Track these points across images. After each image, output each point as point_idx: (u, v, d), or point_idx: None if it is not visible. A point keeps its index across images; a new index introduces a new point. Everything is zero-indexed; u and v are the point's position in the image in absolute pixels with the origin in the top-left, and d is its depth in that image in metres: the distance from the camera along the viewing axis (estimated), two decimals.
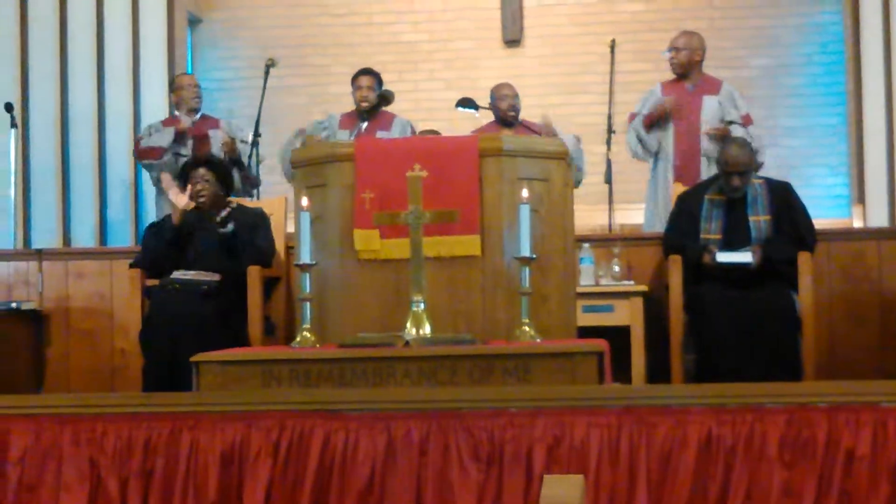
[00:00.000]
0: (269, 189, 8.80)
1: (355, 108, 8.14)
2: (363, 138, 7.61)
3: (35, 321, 7.28)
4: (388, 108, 8.17)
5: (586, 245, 6.93)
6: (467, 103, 8.12)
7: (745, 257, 6.34)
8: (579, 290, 6.13)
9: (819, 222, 6.87)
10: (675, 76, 7.97)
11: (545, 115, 7.69)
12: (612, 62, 8.44)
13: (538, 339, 4.81)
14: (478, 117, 8.23)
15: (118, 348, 7.16)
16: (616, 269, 6.91)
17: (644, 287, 6.78)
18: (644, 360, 6.58)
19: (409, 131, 8.10)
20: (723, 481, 3.83)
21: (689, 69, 7.92)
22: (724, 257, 6.36)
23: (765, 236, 6.44)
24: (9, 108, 8.39)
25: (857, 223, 9.43)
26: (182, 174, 6.73)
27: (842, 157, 10.27)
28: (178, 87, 8.47)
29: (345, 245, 5.17)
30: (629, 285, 6.80)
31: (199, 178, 6.57)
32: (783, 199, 6.56)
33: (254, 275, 6.37)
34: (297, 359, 4.62)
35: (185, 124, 8.14)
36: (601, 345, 4.61)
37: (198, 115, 8.43)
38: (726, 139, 7.16)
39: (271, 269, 6.61)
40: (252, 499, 3.97)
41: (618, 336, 6.20)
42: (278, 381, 4.57)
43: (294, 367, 4.58)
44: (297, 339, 4.94)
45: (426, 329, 4.79)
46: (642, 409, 3.90)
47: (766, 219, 6.47)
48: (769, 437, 3.82)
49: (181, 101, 8.40)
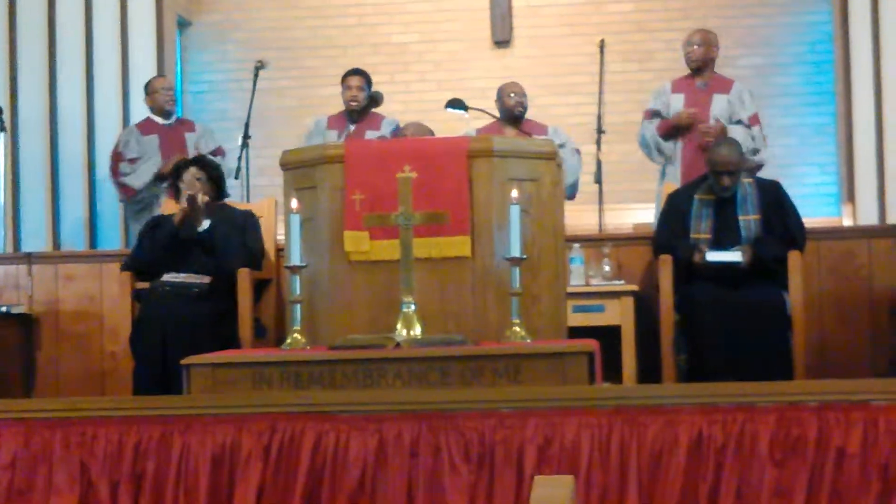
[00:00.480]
0: (259, 191, 8.79)
1: (344, 109, 8.14)
2: (353, 140, 7.60)
3: (25, 325, 7.27)
4: (377, 110, 8.17)
5: (576, 245, 6.93)
6: (457, 104, 8.12)
7: (735, 256, 6.35)
8: (569, 290, 6.14)
9: (809, 221, 6.88)
10: (689, 71, 7.97)
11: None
12: (602, 62, 8.44)
13: (528, 340, 4.81)
14: (467, 118, 8.23)
15: (108, 351, 7.15)
16: (606, 268, 6.92)
17: (634, 287, 6.78)
18: (634, 360, 6.58)
19: (394, 131, 8.11)
20: (714, 481, 3.84)
21: (704, 65, 7.92)
22: (714, 256, 6.37)
23: (755, 235, 6.44)
24: None
25: (847, 222, 9.44)
26: (173, 173, 6.73)
27: (831, 156, 10.28)
28: (151, 91, 8.49)
29: (335, 247, 5.16)
30: (619, 285, 6.81)
31: (190, 177, 6.56)
32: (773, 198, 6.56)
33: (244, 277, 6.37)
34: (287, 361, 4.61)
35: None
36: (591, 345, 4.61)
37: (172, 118, 8.43)
38: (718, 139, 7.16)
39: (261, 272, 6.61)
40: (243, 501, 3.96)
41: (608, 336, 6.20)
42: (269, 383, 4.56)
43: (285, 369, 4.57)
44: (288, 341, 4.93)
45: (417, 330, 4.79)
46: (633, 409, 3.90)
47: (756, 218, 6.48)
48: (760, 436, 3.82)
49: (155, 104, 8.41)
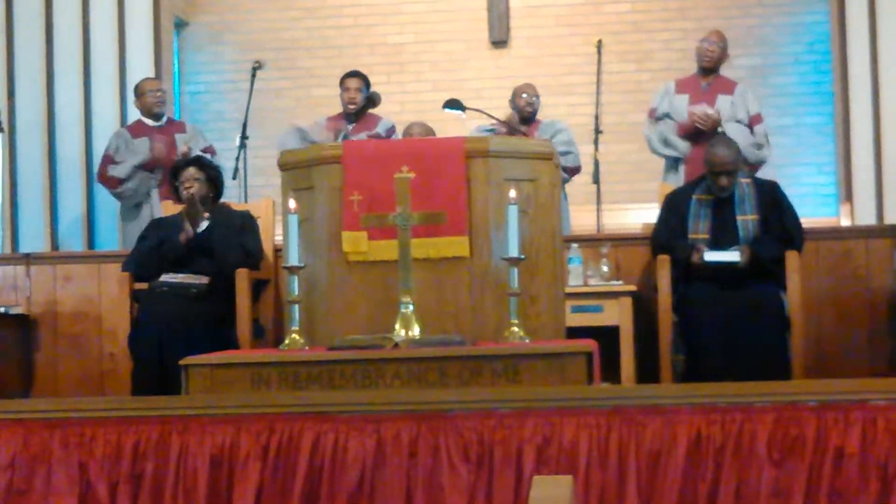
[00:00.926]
0: (257, 191, 8.79)
1: (343, 111, 8.15)
2: (351, 141, 7.61)
3: (23, 326, 7.27)
4: (374, 111, 8.17)
5: (575, 245, 6.94)
6: (454, 105, 8.13)
7: (733, 256, 6.36)
8: (568, 290, 6.14)
9: (807, 221, 6.89)
10: (692, 71, 8.04)
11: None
12: (599, 63, 8.45)
13: (527, 340, 4.81)
14: (464, 118, 8.24)
15: (107, 352, 7.16)
16: (604, 269, 6.92)
17: (633, 287, 6.79)
18: (633, 360, 6.59)
19: (391, 132, 8.13)
20: (712, 481, 3.84)
21: (717, 65, 7.97)
22: (712, 256, 6.38)
23: (753, 236, 6.45)
24: None
25: (845, 222, 9.44)
26: (172, 174, 6.73)
27: (829, 156, 10.29)
28: (140, 93, 8.46)
29: (333, 247, 5.16)
30: (618, 285, 6.81)
31: (189, 177, 6.57)
32: (771, 198, 6.57)
33: (242, 278, 6.37)
34: (286, 361, 4.60)
35: (156, 153, 8.12)
36: (590, 345, 4.61)
37: (163, 120, 8.41)
38: (720, 137, 7.20)
39: (260, 272, 6.61)
40: (242, 501, 3.96)
41: (607, 336, 6.21)
42: (267, 383, 4.56)
43: (283, 369, 4.57)
44: (286, 341, 4.93)
45: (415, 330, 4.79)
46: (631, 409, 3.90)
47: (754, 218, 6.49)
48: (758, 436, 3.82)
49: (144, 106, 8.40)
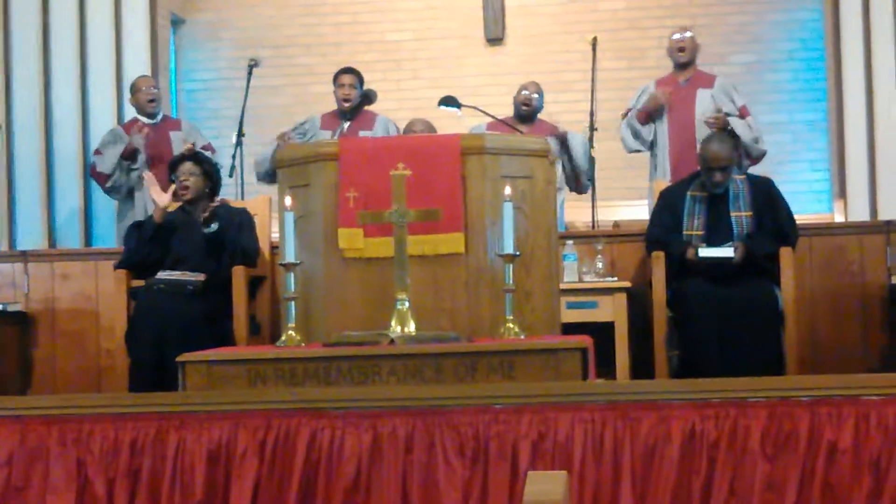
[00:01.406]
0: (254, 189, 8.80)
1: (337, 108, 8.16)
2: (347, 138, 7.62)
3: (21, 323, 7.28)
4: (370, 108, 8.18)
5: (570, 242, 6.96)
6: (450, 102, 8.14)
7: (727, 253, 6.37)
8: (563, 286, 6.16)
9: (800, 217, 6.92)
10: (675, 67, 8.13)
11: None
12: (594, 60, 8.47)
13: (522, 336, 4.83)
14: (460, 116, 8.26)
15: (104, 349, 7.17)
16: (599, 265, 6.93)
17: (627, 283, 6.81)
18: (628, 356, 6.61)
19: (391, 131, 8.13)
20: (706, 475, 3.86)
21: (692, 57, 8.07)
22: (706, 253, 6.39)
23: (747, 232, 6.47)
24: None
25: (839, 218, 9.46)
26: (169, 169, 6.75)
27: (823, 153, 10.31)
28: (135, 91, 8.48)
29: (329, 244, 5.18)
30: (612, 281, 6.83)
31: (185, 172, 6.58)
32: (765, 194, 6.58)
33: (239, 274, 6.39)
34: (282, 358, 4.62)
35: (136, 143, 8.14)
36: (585, 341, 4.63)
37: (158, 118, 8.43)
38: (714, 133, 7.26)
39: (256, 269, 6.63)
40: (239, 498, 3.98)
41: (601, 332, 6.24)
42: (264, 380, 4.58)
43: (279, 366, 4.59)
44: (283, 338, 4.95)
45: (411, 327, 4.81)
46: (626, 404, 3.92)
47: (748, 214, 6.50)
48: (752, 431, 3.84)
49: (138, 104, 8.42)
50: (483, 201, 5.12)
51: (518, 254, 4.91)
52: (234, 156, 8.10)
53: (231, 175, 7.99)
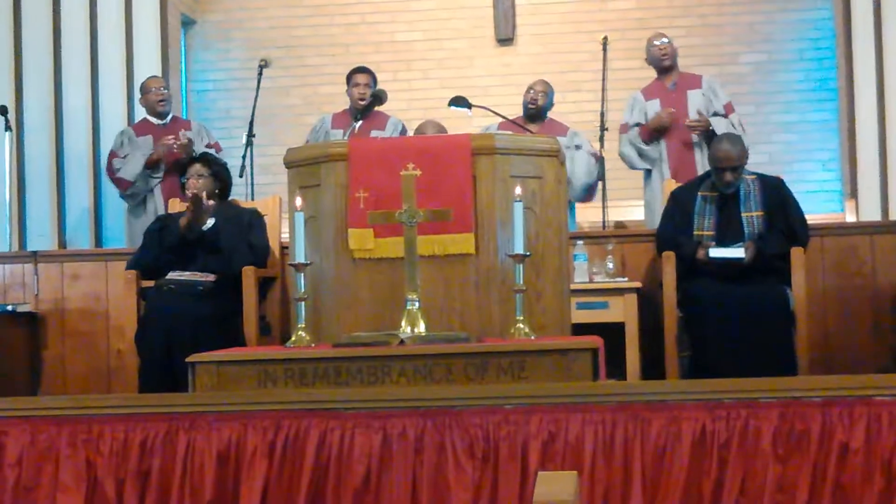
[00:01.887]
0: (264, 189, 8.81)
1: (350, 107, 8.16)
2: (357, 138, 7.62)
3: (31, 323, 7.28)
4: (381, 108, 8.18)
5: (580, 242, 6.95)
6: (460, 102, 8.13)
7: (738, 253, 6.36)
8: (573, 287, 6.15)
9: (812, 217, 6.90)
10: (658, 72, 8.15)
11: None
12: (605, 59, 8.47)
13: (532, 337, 4.82)
14: (470, 116, 8.26)
15: (114, 349, 7.17)
16: (610, 265, 6.93)
17: (638, 284, 6.80)
18: (638, 357, 6.60)
19: (401, 131, 8.15)
20: (717, 476, 3.85)
21: (674, 61, 8.09)
22: (717, 253, 6.38)
23: (758, 232, 6.46)
24: (3, 110, 8.41)
25: (850, 218, 9.45)
26: (179, 171, 6.75)
27: (834, 153, 10.30)
28: (145, 91, 8.50)
29: (339, 244, 5.17)
30: (623, 282, 6.82)
31: (194, 174, 6.60)
32: (776, 194, 6.57)
33: (249, 275, 6.39)
34: (292, 358, 4.62)
35: (160, 152, 8.14)
36: (595, 341, 4.62)
37: (168, 118, 8.44)
38: (710, 133, 7.29)
39: (266, 269, 6.63)
40: (249, 498, 3.98)
41: (612, 333, 6.22)
42: (274, 380, 4.57)
43: (289, 366, 4.58)
44: (293, 338, 4.94)
45: (421, 327, 4.80)
46: (637, 405, 3.91)
47: (759, 214, 6.49)
48: (763, 432, 3.83)
49: (147, 104, 8.43)
50: (493, 201, 5.11)
51: (528, 254, 4.90)
52: (244, 156, 8.11)
53: (241, 175, 8.00)
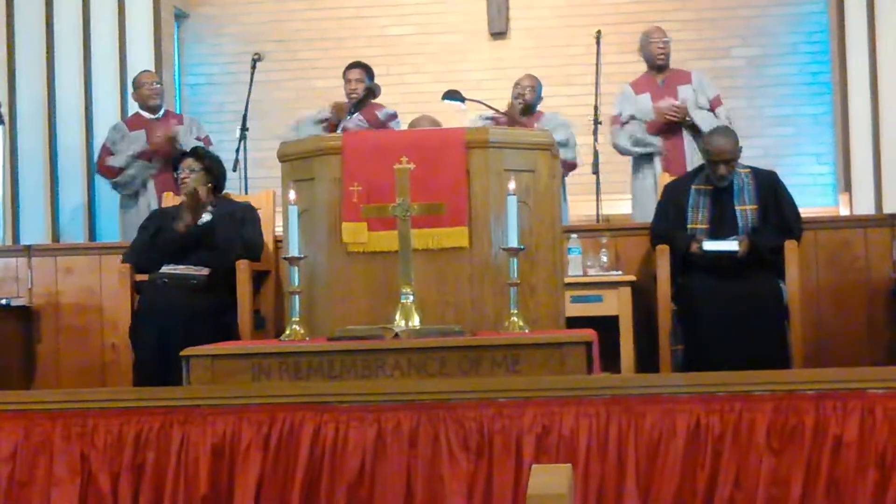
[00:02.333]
0: (257, 183, 8.80)
1: (346, 101, 8.16)
2: (350, 132, 7.61)
3: (25, 317, 7.28)
4: (374, 101, 8.18)
5: (574, 235, 6.95)
6: (454, 95, 8.14)
7: (731, 246, 6.37)
8: (567, 280, 6.15)
9: (805, 211, 6.90)
10: (651, 69, 8.13)
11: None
12: (598, 53, 8.46)
13: (527, 330, 4.82)
14: (464, 109, 8.25)
15: (108, 343, 7.17)
16: (604, 259, 6.93)
17: (632, 277, 6.80)
18: (632, 350, 6.60)
19: (392, 114, 8.14)
20: (711, 469, 3.85)
21: (667, 63, 8.07)
22: (711, 246, 6.39)
23: (751, 225, 6.46)
24: None
25: (844, 211, 9.46)
26: (172, 165, 6.75)
27: (828, 146, 10.31)
28: (137, 86, 8.49)
29: (333, 238, 5.17)
30: (617, 275, 6.82)
31: (187, 168, 6.60)
32: (770, 188, 6.58)
33: (243, 269, 6.38)
34: (286, 352, 4.61)
35: (154, 140, 8.13)
36: (589, 335, 4.63)
37: (160, 112, 8.43)
38: (689, 124, 7.35)
39: (260, 263, 6.63)
40: (243, 492, 3.98)
41: (606, 326, 6.22)
42: (268, 374, 4.57)
43: (284, 360, 4.58)
44: (287, 332, 4.94)
45: (415, 321, 4.80)
46: (631, 398, 3.91)
47: (753, 208, 6.50)
48: (757, 425, 3.83)
49: (140, 99, 8.42)
50: (487, 195, 5.11)
51: (522, 248, 4.90)
52: (237, 150, 8.10)
53: (234, 170, 7.99)
